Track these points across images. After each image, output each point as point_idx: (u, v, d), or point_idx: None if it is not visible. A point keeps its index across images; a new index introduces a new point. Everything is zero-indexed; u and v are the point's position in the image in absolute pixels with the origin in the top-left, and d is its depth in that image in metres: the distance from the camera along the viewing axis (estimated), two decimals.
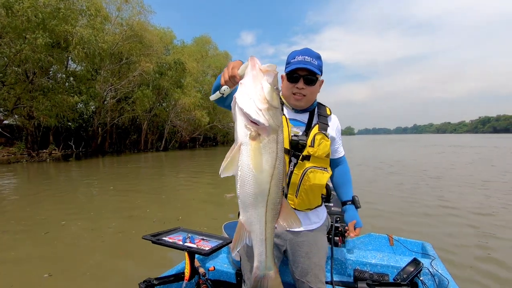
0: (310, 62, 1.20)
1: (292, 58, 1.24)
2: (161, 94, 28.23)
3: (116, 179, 9.64)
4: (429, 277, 1.61)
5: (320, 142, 1.25)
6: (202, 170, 12.35)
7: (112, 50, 21.19)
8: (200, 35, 33.99)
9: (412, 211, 5.32)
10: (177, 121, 29.70)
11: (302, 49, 1.26)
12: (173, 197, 6.73)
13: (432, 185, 7.72)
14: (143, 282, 1.43)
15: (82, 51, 16.66)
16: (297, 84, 1.22)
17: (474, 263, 3.12)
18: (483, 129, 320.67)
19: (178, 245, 1.50)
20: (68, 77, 20.67)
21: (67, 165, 14.58)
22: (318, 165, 1.26)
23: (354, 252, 1.84)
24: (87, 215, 5.04)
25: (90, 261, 3.20)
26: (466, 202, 5.92)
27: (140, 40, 22.92)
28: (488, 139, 57.76)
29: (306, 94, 1.24)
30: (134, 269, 2.99)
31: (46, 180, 9.80)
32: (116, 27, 22.22)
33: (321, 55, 1.26)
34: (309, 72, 1.21)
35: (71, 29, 16.01)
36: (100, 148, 25.80)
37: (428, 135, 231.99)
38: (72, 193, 7.25)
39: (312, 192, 1.26)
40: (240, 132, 0.81)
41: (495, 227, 4.38)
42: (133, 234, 4.04)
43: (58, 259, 3.29)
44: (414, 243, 2.11)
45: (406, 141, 56.06)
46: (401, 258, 1.75)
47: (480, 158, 16.12)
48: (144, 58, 22.81)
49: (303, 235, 1.31)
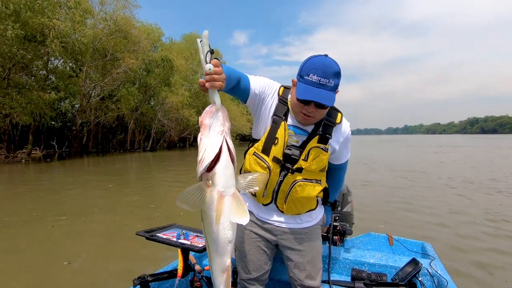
0: (325, 85, 1.05)
1: (306, 73, 1.07)
2: (148, 92, 27.30)
3: (85, 185, 8.87)
4: (428, 278, 1.59)
5: (316, 156, 1.17)
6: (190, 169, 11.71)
7: (95, 45, 20.22)
8: (190, 32, 33.08)
9: (413, 210, 5.28)
10: (165, 120, 28.79)
11: (320, 61, 1.06)
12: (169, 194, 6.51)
13: (429, 185, 7.42)
14: (138, 278, 1.43)
15: (59, 45, 15.69)
16: (307, 106, 1.10)
17: (475, 264, 3.08)
18: (471, 129, 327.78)
19: (171, 242, 1.50)
20: (49, 74, 19.61)
21: (40, 167, 13.66)
22: (310, 177, 1.20)
23: (353, 252, 1.82)
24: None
25: (84, 256, 3.28)
26: (467, 202, 5.83)
27: (125, 35, 21.96)
28: (475, 140, 59.12)
29: (315, 115, 1.13)
30: (130, 266, 3.02)
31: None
32: (100, 22, 21.23)
33: (339, 67, 1.08)
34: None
35: (47, 21, 15.05)
36: (84, 148, 24.75)
37: (418, 136, 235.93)
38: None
39: (300, 203, 1.23)
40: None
41: (497, 225, 4.35)
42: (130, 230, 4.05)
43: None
44: (414, 243, 2.08)
45: (396, 141, 56.56)
46: (400, 258, 1.73)
47: (477, 159, 15.93)
48: (129, 54, 21.82)
49: (295, 232, 1.28)
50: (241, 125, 39.95)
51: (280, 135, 1.16)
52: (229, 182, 0.83)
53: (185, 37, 32.68)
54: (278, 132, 1.16)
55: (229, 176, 0.83)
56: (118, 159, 18.08)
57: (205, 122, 0.82)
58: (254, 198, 1.30)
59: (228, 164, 0.82)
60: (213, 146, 0.80)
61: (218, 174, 0.81)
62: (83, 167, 13.86)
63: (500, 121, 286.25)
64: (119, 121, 28.92)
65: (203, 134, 0.82)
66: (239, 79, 1.08)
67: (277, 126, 1.17)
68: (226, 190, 0.83)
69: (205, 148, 0.80)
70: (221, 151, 0.81)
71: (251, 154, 1.22)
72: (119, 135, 30.27)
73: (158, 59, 25.95)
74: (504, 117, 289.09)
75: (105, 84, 21.91)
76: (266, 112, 1.21)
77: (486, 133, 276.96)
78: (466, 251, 3.45)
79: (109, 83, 22.02)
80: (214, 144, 0.80)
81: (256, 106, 1.21)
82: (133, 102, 23.55)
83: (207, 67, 0.80)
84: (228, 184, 0.83)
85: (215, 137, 0.81)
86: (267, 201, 1.24)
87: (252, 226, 1.30)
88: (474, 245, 3.63)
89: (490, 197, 6.32)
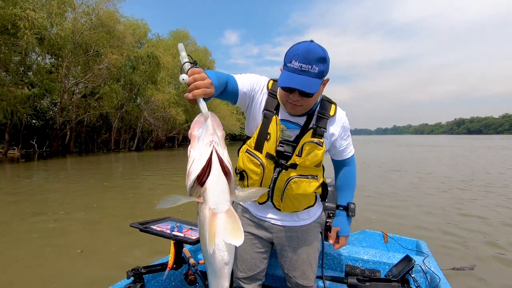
0: (307, 71, 0.99)
1: (289, 60, 1.02)
2: (134, 90, 26.32)
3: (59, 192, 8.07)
4: (421, 274, 1.59)
5: (310, 152, 1.12)
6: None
7: (75, 40, 19.21)
8: (177, 29, 32.06)
9: (409, 208, 5.24)
10: (151, 119, 27.85)
11: (304, 46, 1.00)
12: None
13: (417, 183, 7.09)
14: (131, 270, 1.43)
15: (33, 37, 14.70)
16: (291, 94, 1.05)
17: (468, 261, 3.05)
18: (458, 130, 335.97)
19: (165, 234, 1.50)
20: (27, 70, 18.48)
21: (12, 167, 12.67)
22: (305, 173, 1.16)
23: (347, 248, 1.84)
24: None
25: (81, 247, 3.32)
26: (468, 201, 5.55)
27: (108, 30, 20.99)
28: (462, 140, 60.06)
29: (302, 104, 1.07)
30: (125, 258, 3.05)
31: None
32: (81, 16, 20.19)
33: (326, 52, 1.01)
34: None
35: (20, 12, 14.07)
36: (66, 148, 23.64)
37: (407, 136, 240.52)
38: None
39: (297, 200, 1.18)
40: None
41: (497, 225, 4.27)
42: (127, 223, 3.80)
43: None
44: (409, 240, 2.10)
45: (384, 141, 56.95)
46: (394, 255, 1.74)
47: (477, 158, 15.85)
48: (111, 49, 20.84)
49: (291, 230, 1.25)
50: (231, 125, 39.34)
51: (272, 130, 1.13)
52: (221, 198, 0.77)
53: (172, 33, 31.71)
54: (270, 127, 1.13)
55: (220, 191, 0.77)
56: (94, 160, 17.02)
57: (194, 133, 0.78)
58: None
59: (219, 179, 0.76)
60: (200, 158, 0.75)
61: (209, 189, 0.75)
62: (54, 166, 12.95)
63: (485, 122, 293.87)
64: (104, 120, 27.84)
65: (192, 146, 0.78)
66: (226, 82, 1.04)
67: (268, 121, 1.13)
68: (218, 207, 0.77)
69: (193, 160, 0.75)
70: (210, 163, 0.75)
71: (244, 152, 1.18)
72: (104, 134, 29.15)
73: (143, 55, 25.01)
74: (489, 118, 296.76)
75: (86, 81, 20.87)
76: (256, 109, 1.17)
77: (472, 134, 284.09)
78: (459, 248, 3.42)
79: (90, 80, 21.00)
80: (202, 156, 0.75)
81: (247, 104, 1.18)
82: (117, 100, 22.59)
83: (180, 78, 0.78)
84: (220, 200, 0.77)
85: (204, 148, 0.76)
86: (264, 199, 1.21)
87: (248, 226, 1.27)
88: (467, 242, 3.60)
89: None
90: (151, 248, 3.29)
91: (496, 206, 5.31)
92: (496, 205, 5.34)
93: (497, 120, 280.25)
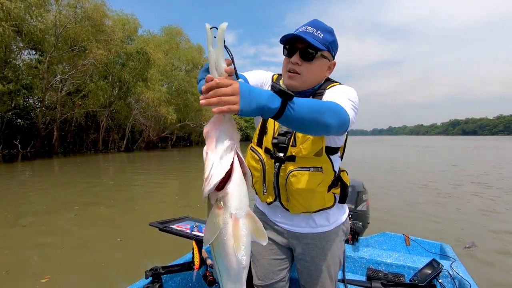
0: (311, 33, 0.96)
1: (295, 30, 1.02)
2: (123, 87, 25.20)
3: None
4: (449, 280, 1.51)
5: (304, 140, 1.02)
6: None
7: (58, 33, 18.08)
8: (169, 25, 30.88)
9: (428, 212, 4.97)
10: (141, 119, 26.73)
11: (310, 21, 1.02)
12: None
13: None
14: (150, 270, 1.42)
15: (9, 29, 13.61)
16: (292, 58, 1.00)
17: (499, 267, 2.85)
18: (453, 131, 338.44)
19: (186, 233, 1.49)
20: (4, 64, 17.31)
21: None
22: (306, 165, 1.02)
23: (368, 251, 1.79)
24: None
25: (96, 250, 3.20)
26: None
27: (94, 24, 19.89)
28: (457, 141, 60.05)
29: (301, 72, 1.00)
30: (141, 258, 3.05)
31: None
32: (65, 8, 19.07)
33: (333, 31, 1.01)
34: (308, 45, 0.96)
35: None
36: (51, 148, 22.46)
37: (403, 137, 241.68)
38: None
39: (302, 197, 1.05)
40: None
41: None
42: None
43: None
44: (432, 244, 2.03)
45: (382, 141, 56.67)
46: (418, 259, 1.69)
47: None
48: (97, 44, 19.73)
49: (308, 237, 1.14)
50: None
51: (269, 123, 1.09)
52: (243, 202, 0.75)
53: (164, 29, 30.55)
54: (268, 120, 1.09)
55: (243, 195, 0.74)
56: (72, 162, 15.93)
57: (211, 134, 0.74)
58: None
59: (241, 182, 0.73)
60: (222, 162, 0.70)
61: (231, 194, 0.72)
62: (15, 169, 11.86)
63: (480, 123, 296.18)
64: (92, 119, 26.65)
65: (209, 148, 0.73)
66: None
67: None
68: (239, 211, 0.74)
69: (213, 164, 0.70)
70: (232, 168, 0.71)
71: (249, 149, 1.15)
72: (92, 134, 27.97)
73: (133, 51, 23.92)
74: (483, 119, 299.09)
75: (70, 77, 19.74)
76: None
77: (467, 135, 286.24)
78: (491, 255, 3.19)
79: (74, 76, 19.86)
80: (224, 159, 0.71)
81: None
82: (103, 98, 21.46)
83: (219, 69, 0.65)
84: (242, 205, 0.75)
85: (224, 151, 0.71)
86: (271, 199, 1.11)
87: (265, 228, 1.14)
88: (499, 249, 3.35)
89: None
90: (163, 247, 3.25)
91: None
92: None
93: (491, 121, 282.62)
